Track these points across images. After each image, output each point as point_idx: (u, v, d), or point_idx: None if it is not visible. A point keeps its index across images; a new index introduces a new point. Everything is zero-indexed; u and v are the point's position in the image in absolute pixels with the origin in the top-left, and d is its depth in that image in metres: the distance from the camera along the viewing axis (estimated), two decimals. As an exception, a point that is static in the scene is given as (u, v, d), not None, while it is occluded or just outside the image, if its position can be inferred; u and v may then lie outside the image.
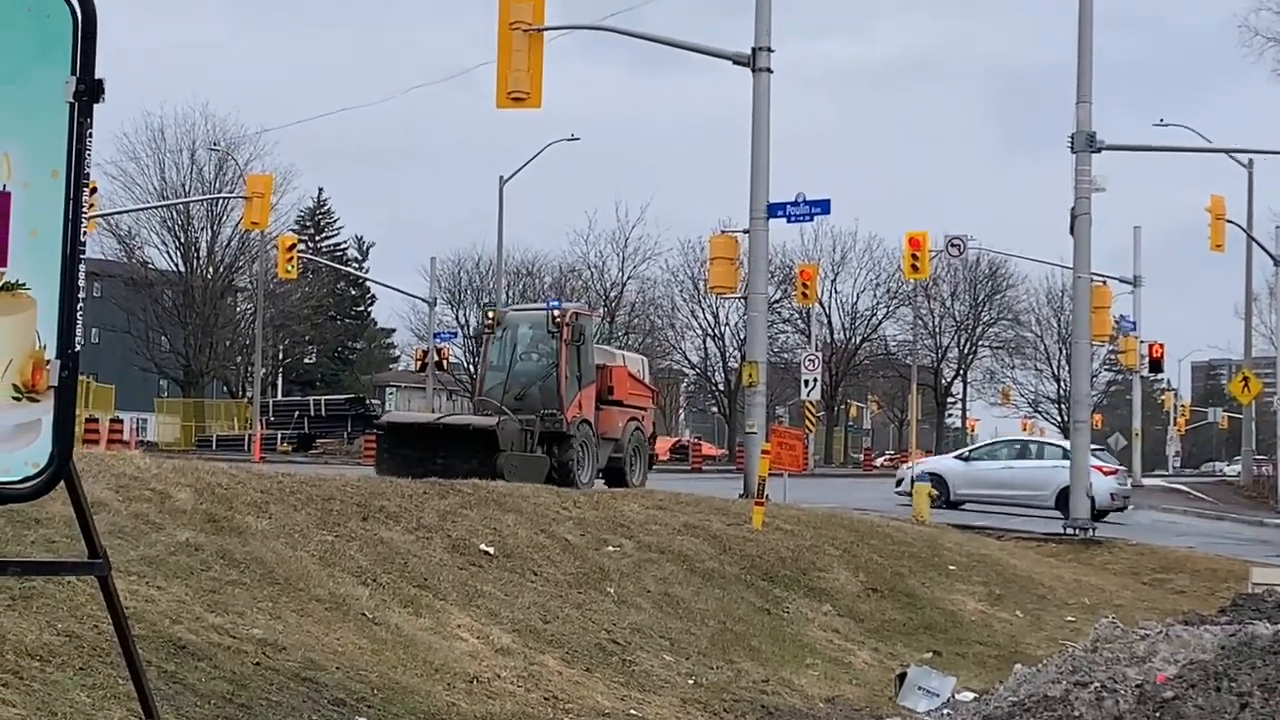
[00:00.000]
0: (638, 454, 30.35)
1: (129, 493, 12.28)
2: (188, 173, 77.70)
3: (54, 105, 6.58)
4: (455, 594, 13.34)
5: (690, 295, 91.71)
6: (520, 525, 16.72)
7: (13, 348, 6.55)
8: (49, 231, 6.57)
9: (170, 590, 10.23)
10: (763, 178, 28.14)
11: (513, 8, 28.43)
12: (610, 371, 30.03)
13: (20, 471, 6.53)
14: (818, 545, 20.75)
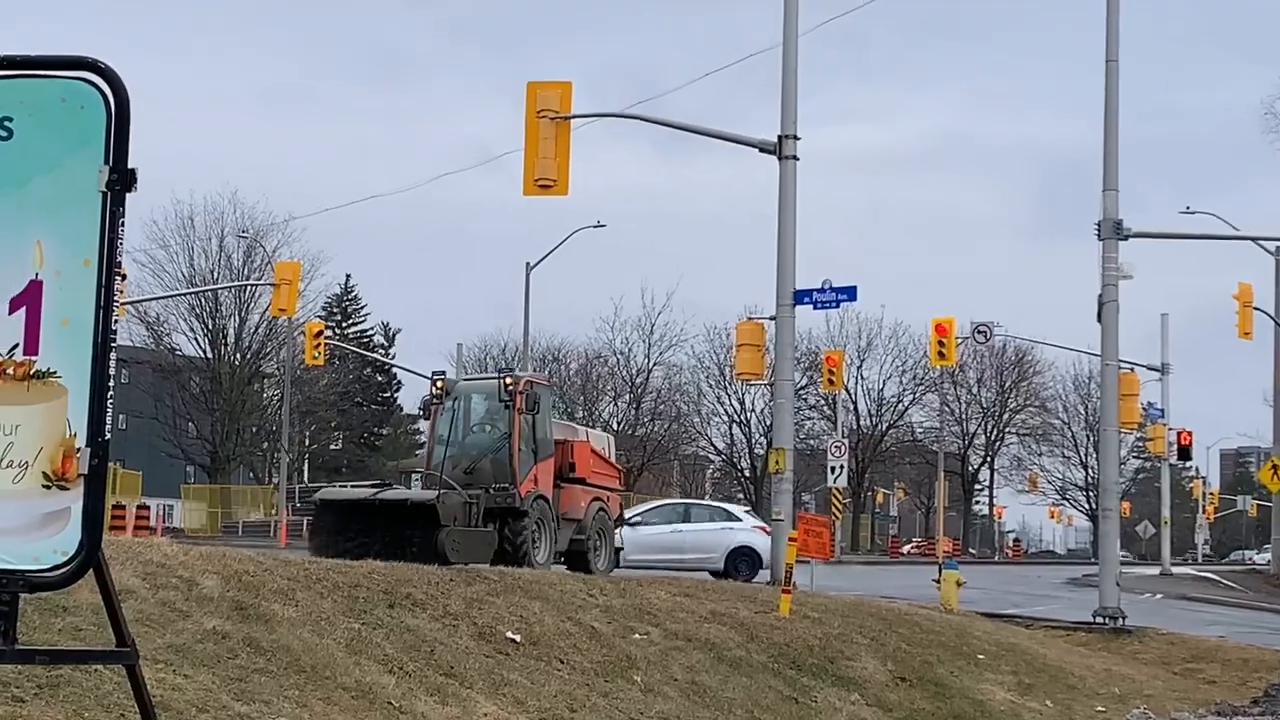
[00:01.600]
0: (602, 537, 28.46)
1: (156, 580, 12.27)
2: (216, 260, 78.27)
3: (87, 194, 6.62)
4: (482, 682, 13.27)
5: (716, 381, 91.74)
6: (546, 612, 16.66)
7: (43, 436, 6.58)
8: (80, 320, 6.61)
9: (197, 678, 10.20)
10: (789, 264, 28.18)
11: (540, 96, 28.62)
12: (571, 447, 28.13)
13: (50, 560, 6.54)
14: (846, 633, 20.62)
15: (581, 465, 27.98)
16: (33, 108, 6.67)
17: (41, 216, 6.67)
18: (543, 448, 26.87)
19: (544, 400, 27.50)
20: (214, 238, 77.79)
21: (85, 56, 6.66)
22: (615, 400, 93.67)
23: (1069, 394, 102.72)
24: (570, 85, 29.14)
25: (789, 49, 27.88)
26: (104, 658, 7.96)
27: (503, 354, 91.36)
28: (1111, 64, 31.09)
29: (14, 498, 6.57)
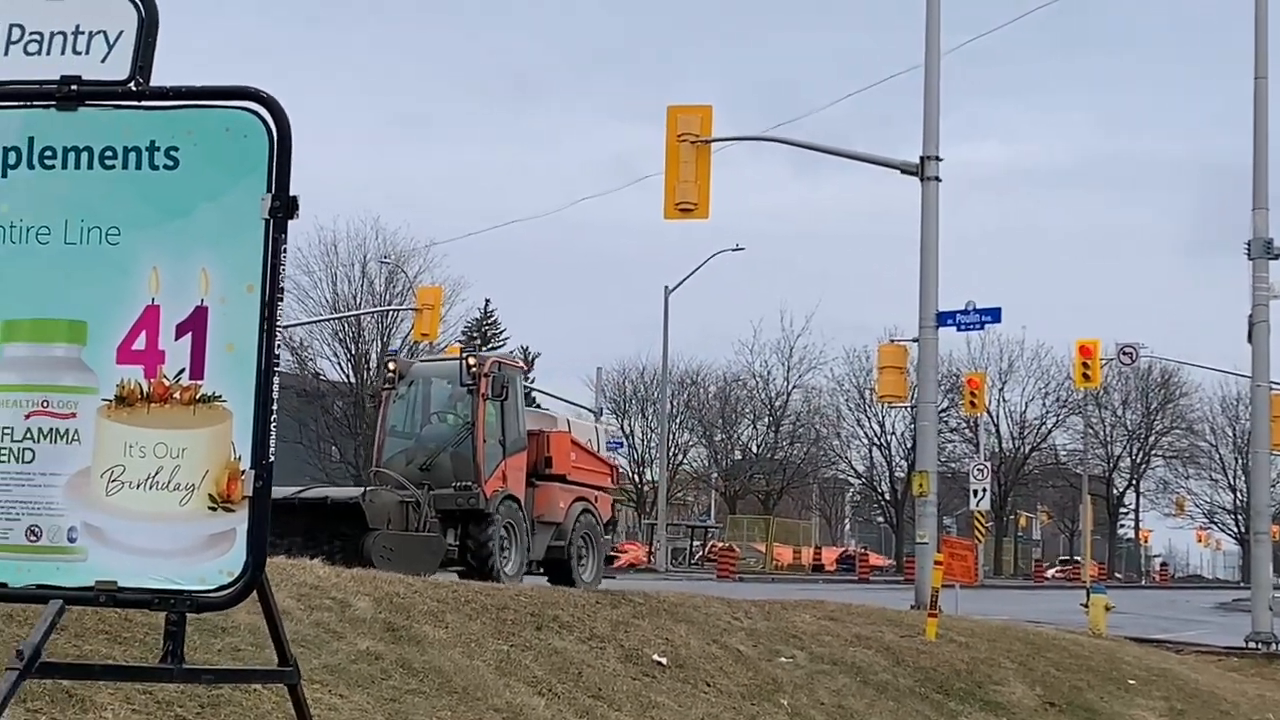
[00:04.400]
0: (589, 544, 25.02)
1: (310, 601, 12.44)
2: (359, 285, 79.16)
3: (250, 222, 6.77)
4: (630, 705, 13.30)
5: (856, 404, 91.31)
6: (692, 635, 16.66)
7: (209, 458, 6.72)
8: (244, 345, 6.75)
9: (352, 699, 10.32)
10: (932, 286, 28.01)
11: (680, 120, 28.72)
12: (548, 439, 24.68)
13: (215, 580, 6.67)
14: (993, 658, 20.41)
15: (560, 460, 24.64)
16: (198, 137, 6.83)
17: (207, 244, 6.82)
18: (512, 440, 23.66)
19: (514, 385, 24.18)
20: (356, 263, 78.74)
21: (248, 86, 6.80)
22: (754, 423, 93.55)
23: (1216, 416, 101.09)
24: (710, 109, 29.22)
25: (931, 70, 27.76)
26: (267, 677, 8.08)
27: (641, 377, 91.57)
28: (1260, 81, 30.68)
29: (180, 519, 6.72)
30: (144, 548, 6.76)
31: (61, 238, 6.89)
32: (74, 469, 6.79)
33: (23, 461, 6.82)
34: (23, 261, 6.90)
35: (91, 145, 6.89)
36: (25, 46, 6.99)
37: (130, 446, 6.76)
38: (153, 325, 6.80)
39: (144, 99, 6.88)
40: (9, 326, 6.87)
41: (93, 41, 6.94)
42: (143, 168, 6.85)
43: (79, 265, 6.87)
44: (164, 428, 6.75)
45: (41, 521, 6.78)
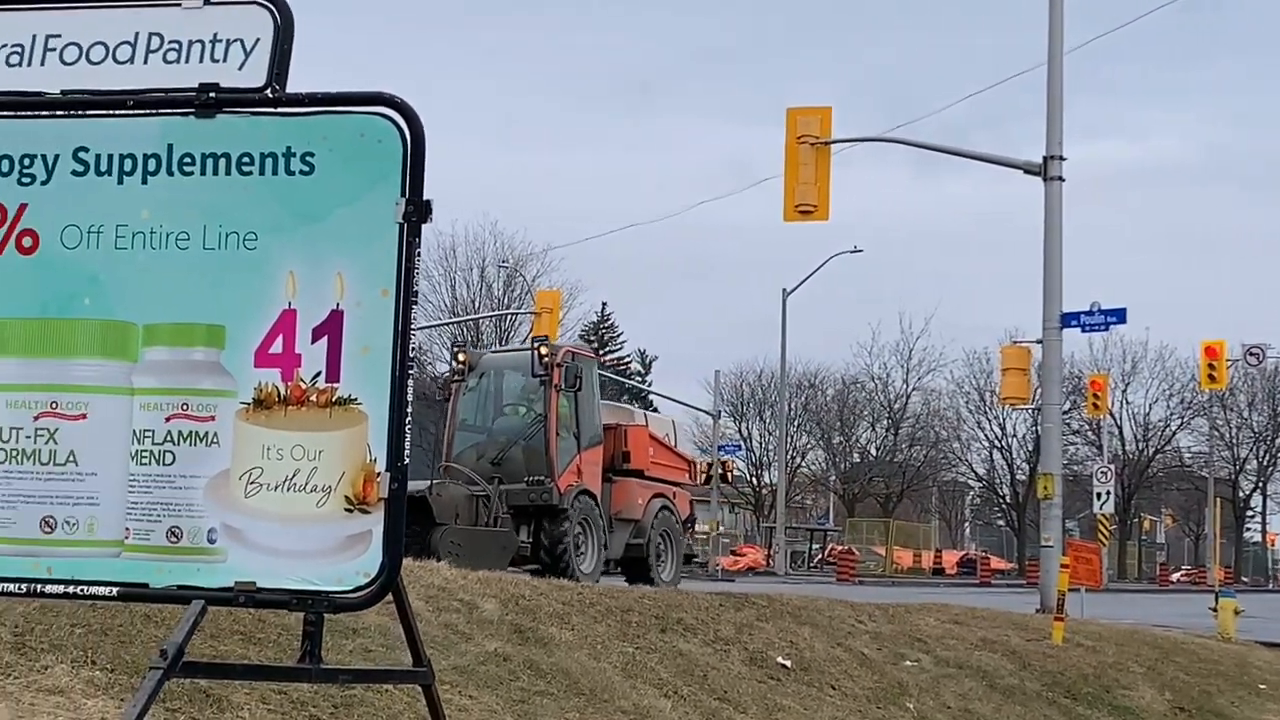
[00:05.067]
0: (668, 542, 24.23)
1: (439, 603, 12.53)
2: (477, 289, 79.73)
3: (384, 226, 6.83)
4: (755, 708, 13.28)
5: (976, 406, 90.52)
6: (816, 638, 16.61)
7: (345, 460, 6.79)
8: (379, 348, 6.81)
9: (481, 700, 10.39)
10: (1056, 287, 27.71)
11: (800, 122, 28.64)
12: (625, 433, 24.00)
13: (352, 581, 6.74)
14: (1120, 662, 20.19)
15: (638, 454, 23.96)
16: (333, 143, 6.91)
17: (342, 248, 6.89)
18: (588, 434, 22.93)
19: (589, 375, 23.33)
20: (475, 268, 79.33)
21: (382, 92, 6.87)
22: (873, 426, 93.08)
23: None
24: (830, 110, 29.11)
25: (1054, 70, 27.48)
26: (402, 677, 8.14)
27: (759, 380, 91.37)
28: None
29: (318, 521, 6.79)
30: (282, 549, 6.84)
31: (200, 243, 6.99)
32: (213, 471, 6.89)
33: (163, 464, 6.93)
34: (162, 267, 7.01)
35: (229, 152, 6.99)
36: (164, 55, 7.10)
37: (268, 449, 6.85)
38: (289, 329, 6.89)
39: (280, 105, 6.97)
40: (149, 331, 6.98)
41: (230, 49, 7.03)
42: (279, 173, 6.94)
43: (217, 270, 6.97)
44: (301, 430, 6.83)
45: (182, 523, 6.88)
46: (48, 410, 7.04)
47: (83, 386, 7.03)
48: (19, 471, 7.02)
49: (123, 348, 7.01)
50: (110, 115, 7.14)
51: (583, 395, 22.83)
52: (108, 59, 7.15)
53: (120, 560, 6.94)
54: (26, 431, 7.04)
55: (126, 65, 7.14)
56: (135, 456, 6.95)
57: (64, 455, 7.01)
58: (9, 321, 7.11)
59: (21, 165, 7.14)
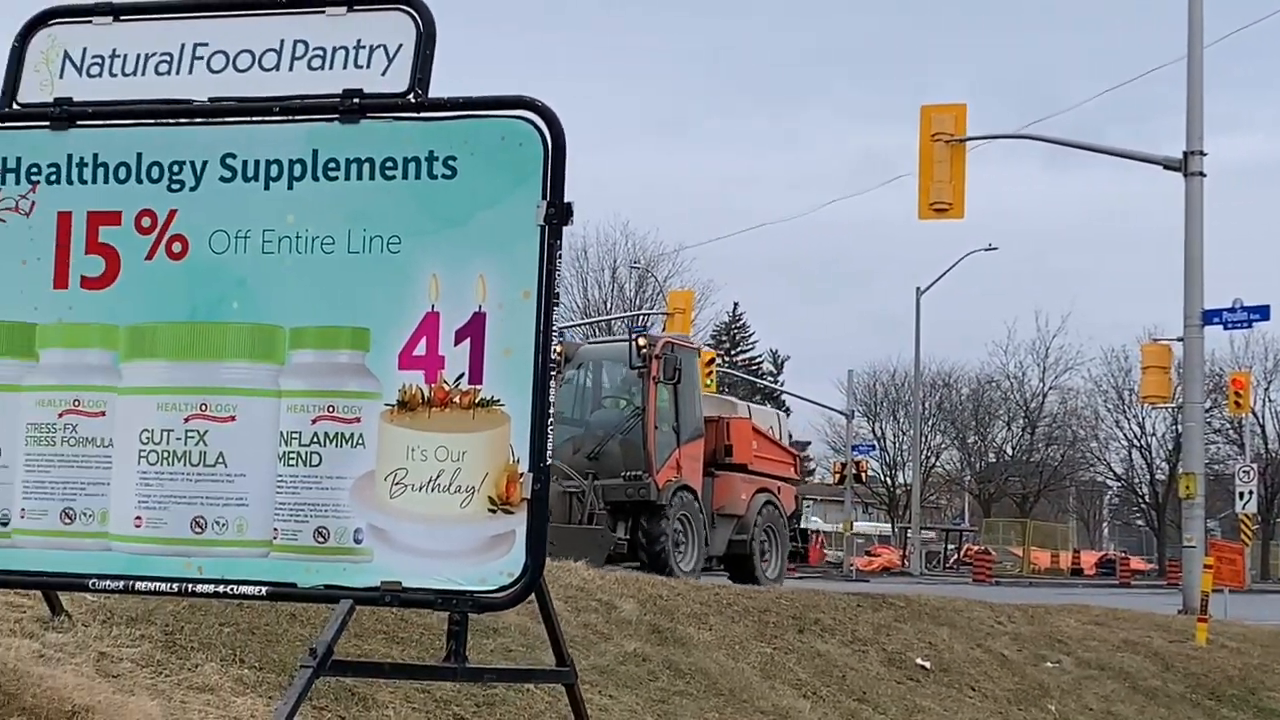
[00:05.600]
0: (772, 539, 23.38)
1: (577, 603, 12.59)
2: (609, 290, 79.93)
3: (526, 229, 6.89)
4: (895, 709, 13.22)
5: (1114, 405, 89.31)
6: (955, 639, 16.49)
7: (488, 461, 6.85)
8: (521, 350, 6.87)
9: (622, 700, 10.42)
10: (1197, 284, 27.27)
11: (934, 119, 28.45)
12: (728, 426, 23.07)
13: (496, 581, 6.80)
14: (1266, 663, 19.86)
15: (741, 448, 23.06)
16: (475, 146, 6.98)
17: (484, 251, 6.96)
18: (688, 426, 22.07)
19: (689, 367, 22.44)
20: (606, 268, 79.54)
21: (523, 95, 6.92)
22: (1009, 425, 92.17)
23: None
24: (964, 107, 28.89)
25: (1194, 65, 27.06)
26: (546, 677, 8.19)
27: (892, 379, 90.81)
28: None
29: (462, 521, 6.86)
30: (427, 549, 6.92)
31: (345, 247, 7.09)
32: (359, 472, 6.99)
33: (310, 465, 7.04)
34: (309, 271, 7.12)
35: (373, 156, 7.08)
36: (309, 61, 7.21)
37: (412, 450, 6.93)
38: (433, 331, 6.96)
39: (422, 110, 7.05)
40: (296, 334, 7.09)
41: (373, 55, 7.13)
42: (422, 177, 7.02)
43: (362, 274, 7.06)
44: (445, 431, 6.90)
45: (329, 523, 6.98)
46: (197, 412, 7.17)
47: (231, 389, 7.16)
48: (170, 473, 7.17)
49: (270, 351, 7.13)
50: (257, 122, 7.27)
51: (682, 387, 22.09)
52: (254, 66, 7.28)
53: (268, 560, 7.06)
54: (177, 433, 7.18)
55: (272, 72, 7.26)
56: (283, 458, 7.07)
57: (213, 457, 7.14)
58: (159, 326, 7.26)
59: (171, 172, 7.28)
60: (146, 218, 7.29)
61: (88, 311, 7.33)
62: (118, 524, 7.23)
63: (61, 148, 7.40)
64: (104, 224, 7.34)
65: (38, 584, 7.86)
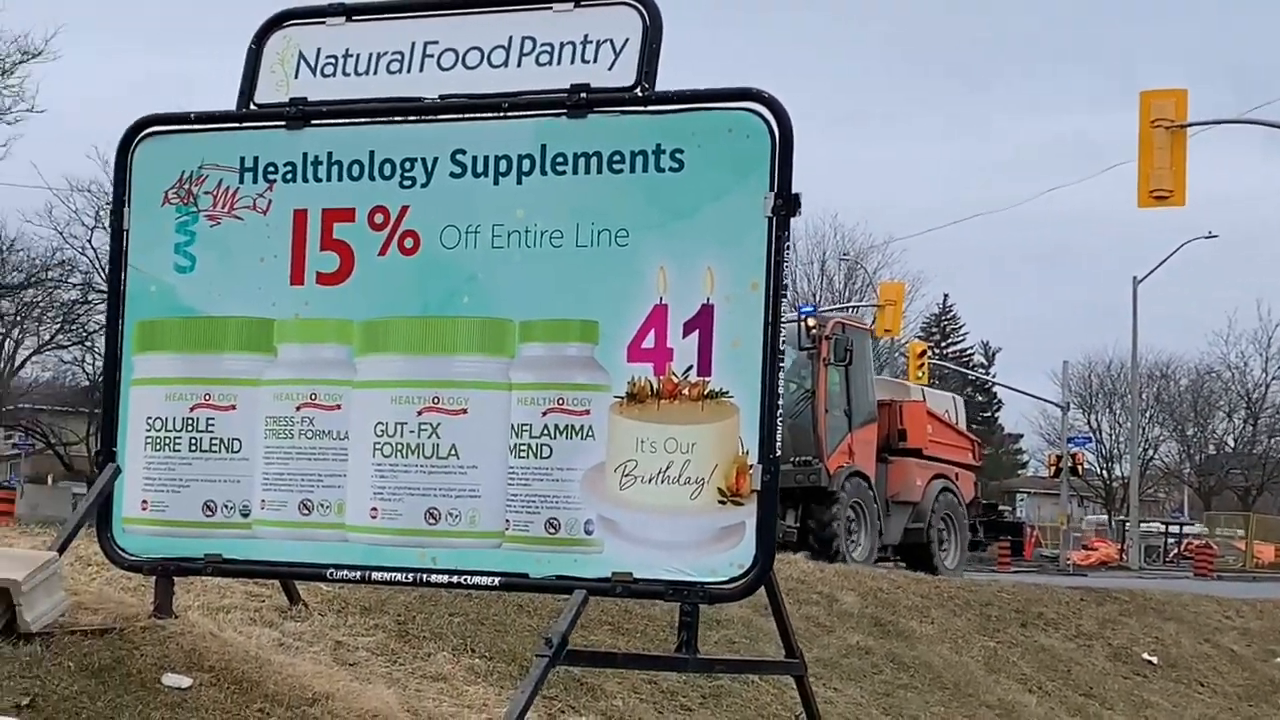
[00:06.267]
0: (950, 526, 22.49)
1: (798, 596, 12.56)
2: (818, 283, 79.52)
3: (752, 221, 6.88)
4: (1122, 704, 13.02)
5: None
6: (1182, 634, 16.18)
7: (718, 453, 6.86)
8: (749, 342, 6.87)
9: (846, 692, 10.39)
10: None
11: (1154, 105, 27.83)
12: (901, 410, 22.34)
13: (726, 573, 6.82)
14: None
15: (915, 433, 22.28)
16: (702, 139, 6.99)
17: (711, 243, 6.97)
18: (860, 410, 21.27)
19: (861, 349, 21.74)
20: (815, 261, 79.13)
21: (750, 87, 6.92)
22: (1230, 416, 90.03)
23: None
24: (1185, 93, 28.20)
25: None
26: (775, 668, 8.21)
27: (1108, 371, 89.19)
28: None
29: (691, 513, 6.88)
30: (657, 540, 6.96)
31: (573, 241, 7.14)
32: (589, 464, 7.04)
33: (540, 457, 7.11)
34: (537, 264, 7.19)
35: (600, 150, 7.12)
36: (537, 57, 7.28)
37: (642, 442, 6.97)
38: (661, 324, 6.99)
39: (650, 104, 7.07)
40: (526, 327, 7.17)
41: (600, 50, 7.17)
42: (649, 171, 7.05)
43: (590, 267, 7.12)
44: (674, 423, 6.93)
45: (560, 515, 7.05)
46: (430, 405, 7.29)
47: (463, 382, 7.27)
48: (404, 465, 7.30)
49: (500, 344, 7.22)
50: (486, 118, 7.36)
51: (854, 370, 21.25)
52: (483, 63, 7.37)
53: (501, 551, 7.16)
54: (410, 426, 7.30)
55: (500, 69, 7.35)
56: (514, 450, 7.15)
57: (446, 449, 7.25)
58: (393, 320, 7.39)
59: (403, 169, 7.41)
60: (379, 214, 7.42)
61: (323, 307, 7.49)
62: (354, 515, 7.38)
63: (297, 147, 7.57)
64: (338, 221, 7.49)
65: (277, 574, 8.06)
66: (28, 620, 6.79)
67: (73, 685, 6.53)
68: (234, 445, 7.60)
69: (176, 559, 7.62)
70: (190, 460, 7.65)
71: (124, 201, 7.82)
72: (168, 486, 7.68)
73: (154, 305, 7.75)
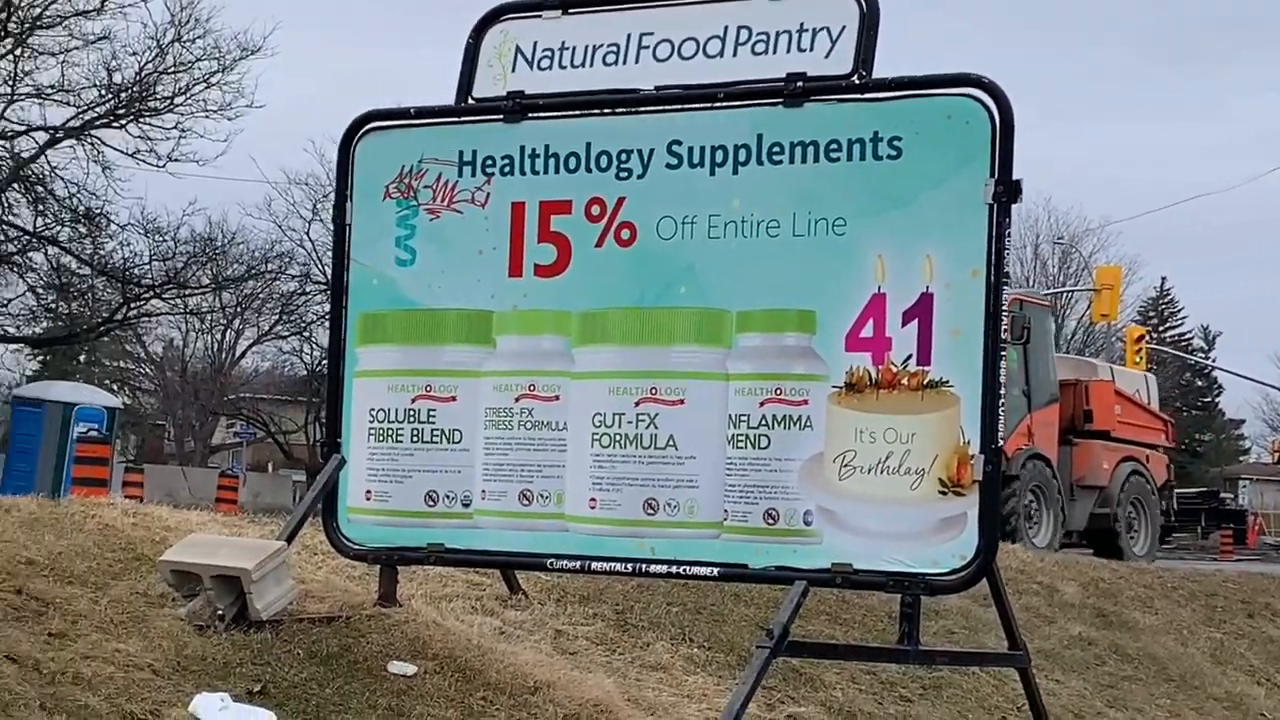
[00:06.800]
0: (1140, 512, 21.37)
1: (1017, 586, 12.38)
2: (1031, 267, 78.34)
3: (972, 207, 6.81)
4: (1357, 698, 12.62)
5: None
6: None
7: (938, 443, 6.79)
8: (970, 330, 6.78)
9: (1069, 684, 10.23)
10: None
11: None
12: (1086, 389, 21.23)
13: (948, 564, 6.75)
14: None
15: (1102, 413, 21.15)
16: (920, 126, 6.92)
17: (929, 231, 6.90)
18: (1041, 390, 20.10)
19: (1041, 326, 20.56)
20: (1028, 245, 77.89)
21: (969, 73, 6.83)
22: None
23: None
24: None
25: None
26: (998, 660, 8.11)
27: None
28: None
29: (911, 504, 6.82)
30: (876, 531, 6.91)
31: (790, 230, 7.12)
32: (807, 454, 7.01)
33: (759, 448, 7.10)
34: (753, 254, 7.18)
35: (816, 139, 7.08)
36: (752, 47, 7.26)
37: (860, 432, 6.92)
38: (879, 313, 6.93)
39: (867, 92, 7.01)
40: (743, 317, 7.16)
41: (816, 38, 7.13)
42: (866, 159, 6.99)
43: (807, 256, 7.08)
44: (893, 413, 6.87)
45: (778, 505, 7.03)
46: (647, 396, 7.31)
47: (680, 373, 7.28)
48: (622, 456, 7.33)
49: (717, 334, 7.22)
50: (701, 109, 7.36)
51: (1033, 348, 20.03)
52: (698, 54, 7.37)
53: (719, 541, 7.16)
54: (628, 417, 7.33)
55: (716, 59, 7.34)
56: (731, 440, 7.15)
57: (664, 439, 7.27)
58: (610, 311, 7.43)
59: (619, 160, 7.44)
60: (596, 206, 7.46)
61: (541, 298, 7.55)
62: (573, 505, 7.44)
63: (514, 140, 7.64)
64: (555, 213, 7.55)
65: (498, 563, 8.15)
66: (258, 608, 6.96)
67: (302, 672, 6.67)
68: (455, 436, 7.71)
69: (400, 548, 7.75)
70: (412, 451, 7.77)
71: (346, 196, 7.96)
72: (391, 477, 7.81)
73: (376, 298, 7.88)
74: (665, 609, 9.11)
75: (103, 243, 32.49)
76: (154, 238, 32.93)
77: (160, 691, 6.20)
